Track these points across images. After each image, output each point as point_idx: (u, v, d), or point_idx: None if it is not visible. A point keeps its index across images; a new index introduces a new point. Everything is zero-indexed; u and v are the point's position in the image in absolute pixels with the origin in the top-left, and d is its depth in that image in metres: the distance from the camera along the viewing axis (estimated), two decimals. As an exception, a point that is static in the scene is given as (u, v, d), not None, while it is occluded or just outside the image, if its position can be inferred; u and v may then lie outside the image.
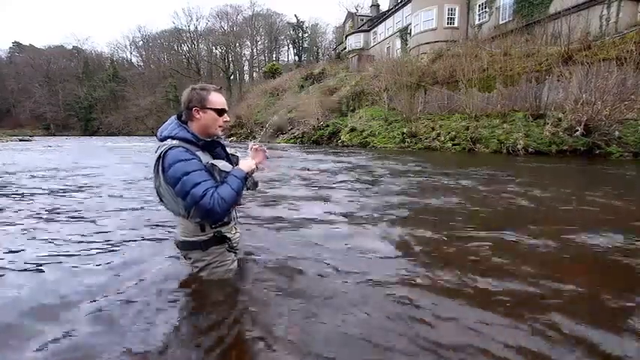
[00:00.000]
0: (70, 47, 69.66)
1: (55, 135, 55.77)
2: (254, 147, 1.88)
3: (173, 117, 1.71)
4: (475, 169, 7.23)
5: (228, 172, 1.65)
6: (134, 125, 60.75)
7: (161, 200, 1.72)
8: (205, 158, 1.64)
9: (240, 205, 1.93)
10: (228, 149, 1.87)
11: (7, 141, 28.81)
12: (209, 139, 1.69)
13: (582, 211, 3.71)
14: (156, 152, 1.61)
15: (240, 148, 1.92)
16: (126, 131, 58.95)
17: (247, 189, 1.72)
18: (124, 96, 63.62)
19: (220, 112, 1.66)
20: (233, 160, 1.84)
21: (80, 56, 69.03)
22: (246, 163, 1.73)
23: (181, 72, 63.90)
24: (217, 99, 1.65)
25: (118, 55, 73.15)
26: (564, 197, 4.36)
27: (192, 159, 1.56)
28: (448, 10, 22.02)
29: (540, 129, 11.08)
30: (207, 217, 1.60)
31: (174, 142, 1.58)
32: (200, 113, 1.63)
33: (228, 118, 1.72)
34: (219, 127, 1.69)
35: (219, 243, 1.79)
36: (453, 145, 13.22)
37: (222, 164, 1.66)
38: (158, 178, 1.62)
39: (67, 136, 53.29)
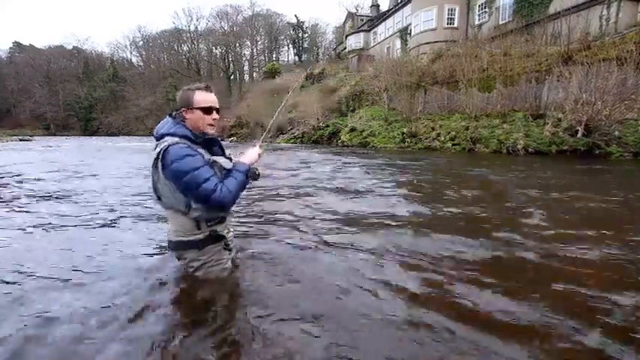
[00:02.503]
0: (70, 47, 69.68)
1: (54, 135, 55.73)
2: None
3: (168, 116, 1.72)
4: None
5: (228, 169, 1.69)
6: (134, 125, 60.69)
7: (158, 198, 1.71)
8: (206, 155, 1.67)
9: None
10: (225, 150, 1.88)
11: (7, 141, 28.80)
12: (206, 137, 1.71)
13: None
14: (154, 150, 1.61)
15: (238, 148, 1.89)
16: (126, 131, 58.91)
17: (249, 179, 1.75)
18: (124, 96, 63.61)
19: (206, 110, 1.65)
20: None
21: (80, 56, 68.98)
22: (248, 155, 1.78)
23: (181, 72, 63.86)
24: (202, 97, 1.64)
25: (118, 55, 73.26)
26: None
27: (197, 155, 1.59)
28: (448, 10, 22.03)
29: (540, 129, 11.08)
30: (217, 209, 1.65)
31: (175, 138, 1.59)
32: (188, 113, 1.65)
33: (217, 116, 1.69)
34: (209, 125, 1.68)
35: (215, 242, 1.79)
36: (453, 145, 13.23)
37: (222, 161, 1.69)
38: (157, 174, 1.62)
39: (67, 136, 53.24)
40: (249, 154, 1.79)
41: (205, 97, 1.65)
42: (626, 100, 9.54)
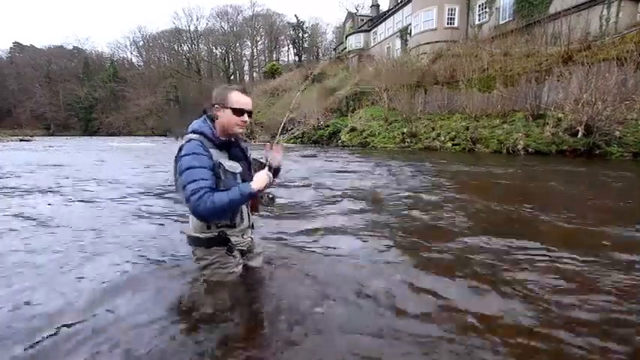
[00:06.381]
0: (71, 47, 69.73)
1: (54, 135, 55.74)
2: (270, 147, 1.85)
3: (203, 113, 1.80)
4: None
5: (234, 174, 1.68)
6: (134, 125, 60.68)
7: (177, 190, 1.77)
8: (218, 156, 1.67)
9: (257, 212, 1.95)
10: (252, 154, 1.90)
11: (7, 141, 28.82)
12: (226, 139, 1.73)
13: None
14: (179, 144, 1.70)
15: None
16: (126, 131, 58.93)
17: (263, 204, 1.77)
18: (125, 96, 63.53)
19: (238, 111, 1.69)
20: (254, 164, 1.85)
21: (80, 56, 68.97)
22: (258, 179, 1.67)
23: (181, 72, 63.82)
24: (237, 98, 1.69)
25: (119, 55, 73.14)
26: None
27: (203, 155, 1.61)
28: (448, 10, 22.02)
29: (540, 129, 11.08)
30: (194, 214, 1.62)
31: (195, 135, 1.66)
32: (221, 111, 1.69)
33: (247, 119, 1.72)
34: (237, 125, 1.71)
35: (222, 244, 1.79)
36: (453, 145, 13.22)
37: (229, 164, 1.68)
38: (175, 168, 1.70)
39: (67, 136, 53.23)
40: (258, 179, 1.66)
41: (239, 99, 1.69)
42: (626, 100, 9.54)
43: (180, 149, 1.65)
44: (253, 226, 2.03)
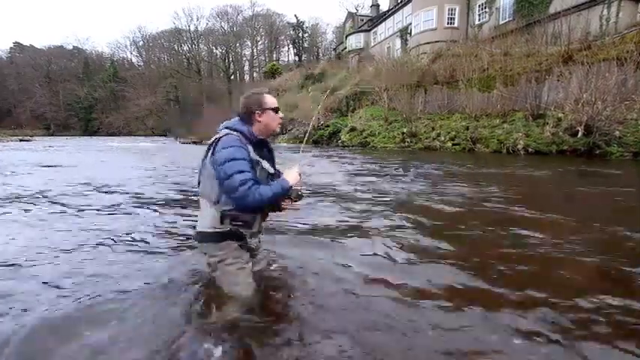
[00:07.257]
0: (71, 47, 69.63)
1: (54, 135, 55.68)
2: None
3: (237, 116, 1.84)
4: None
5: (269, 173, 1.78)
6: (134, 125, 60.70)
7: (199, 183, 1.80)
8: (252, 154, 1.73)
9: (265, 221, 1.97)
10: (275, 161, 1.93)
11: (7, 141, 28.81)
12: (262, 138, 1.81)
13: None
14: (213, 138, 1.75)
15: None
16: (126, 131, 58.91)
17: (291, 200, 1.81)
18: (125, 96, 63.51)
19: (276, 110, 1.81)
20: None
21: (80, 56, 68.91)
22: (291, 175, 1.79)
23: (181, 72, 63.81)
24: (271, 99, 1.81)
25: (119, 55, 73.04)
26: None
27: (244, 148, 1.68)
28: (448, 10, 22.02)
29: (540, 129, 11.09)
30: (238, 204, 1.66)
31: (233, 132, 1.73)
32: (262, 116, 1.76)
33: (282, 115, 1.86)
34: (277, 123, 1.83)
35: (234, 238, 1.79)
36: (453, 145, 13.23)
37: (265, 164, 1.77)
38: (206, 159, 1.73)
39: (67, 136, 53.17)
40: (292, 175, 1.79)
41: (273, 100, 1.83)
42: (626, 100, 9.55)
43: (216, 141, 1.70)
44: (262, 232, 2.04)
